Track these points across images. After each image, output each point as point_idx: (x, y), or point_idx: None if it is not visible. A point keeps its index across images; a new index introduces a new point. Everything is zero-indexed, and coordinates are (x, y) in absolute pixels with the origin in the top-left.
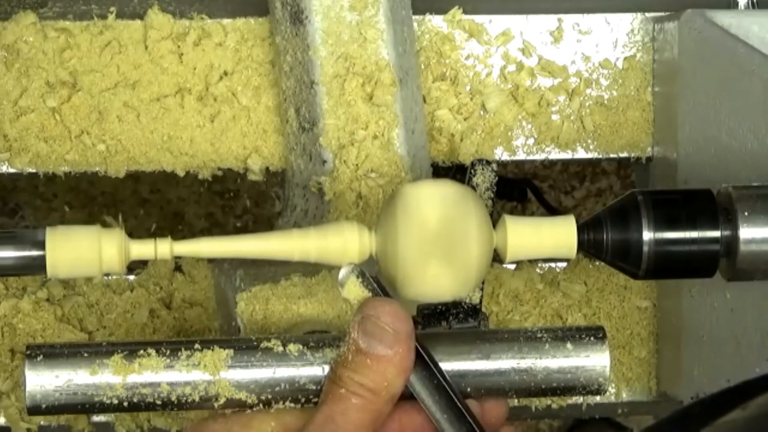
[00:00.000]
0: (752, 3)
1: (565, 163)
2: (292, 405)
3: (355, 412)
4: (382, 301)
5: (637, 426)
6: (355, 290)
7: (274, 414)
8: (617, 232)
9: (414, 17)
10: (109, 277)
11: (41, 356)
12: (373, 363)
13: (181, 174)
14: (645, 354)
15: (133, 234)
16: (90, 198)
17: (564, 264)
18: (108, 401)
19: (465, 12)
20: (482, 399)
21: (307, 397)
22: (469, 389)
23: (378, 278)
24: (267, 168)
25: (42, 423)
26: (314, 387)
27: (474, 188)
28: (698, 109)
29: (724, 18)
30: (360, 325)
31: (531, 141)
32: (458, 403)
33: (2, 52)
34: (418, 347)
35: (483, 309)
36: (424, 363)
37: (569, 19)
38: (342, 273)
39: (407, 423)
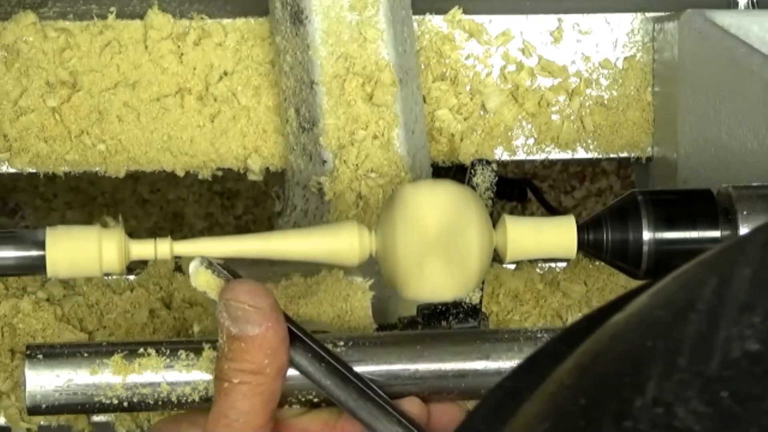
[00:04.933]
0: (752, 3)
1: (565, 163)
2: (295, 405)
3: (245, 400)
4: (237, 283)
5: None
6: (206, 280)
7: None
8: (617, 232)
9: (414, 17)
10: (109, 277)
11: (41, 356)
12: (248, 345)
13: (181, 174)
14: None
15: (133, 234)
16: (90, 198)
17: (564, 264)
18: (108, 401)
19: (465, 12)
20: (429, 401)
21: (306, 397)
22: (468, 389)
23: (227, 264)
24: (267, 168)
25: (42, 423)
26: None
27: (474, 188)
28: (698, 109)
29: (724, 18)
30: (225, 313)
31: (531, 141)
32: (338, 366)
33: (2, 52)
34: (291, 327)
35: (483, 309)
36: (297, 338)
37: (569, 19)
38: (191, 267)
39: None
